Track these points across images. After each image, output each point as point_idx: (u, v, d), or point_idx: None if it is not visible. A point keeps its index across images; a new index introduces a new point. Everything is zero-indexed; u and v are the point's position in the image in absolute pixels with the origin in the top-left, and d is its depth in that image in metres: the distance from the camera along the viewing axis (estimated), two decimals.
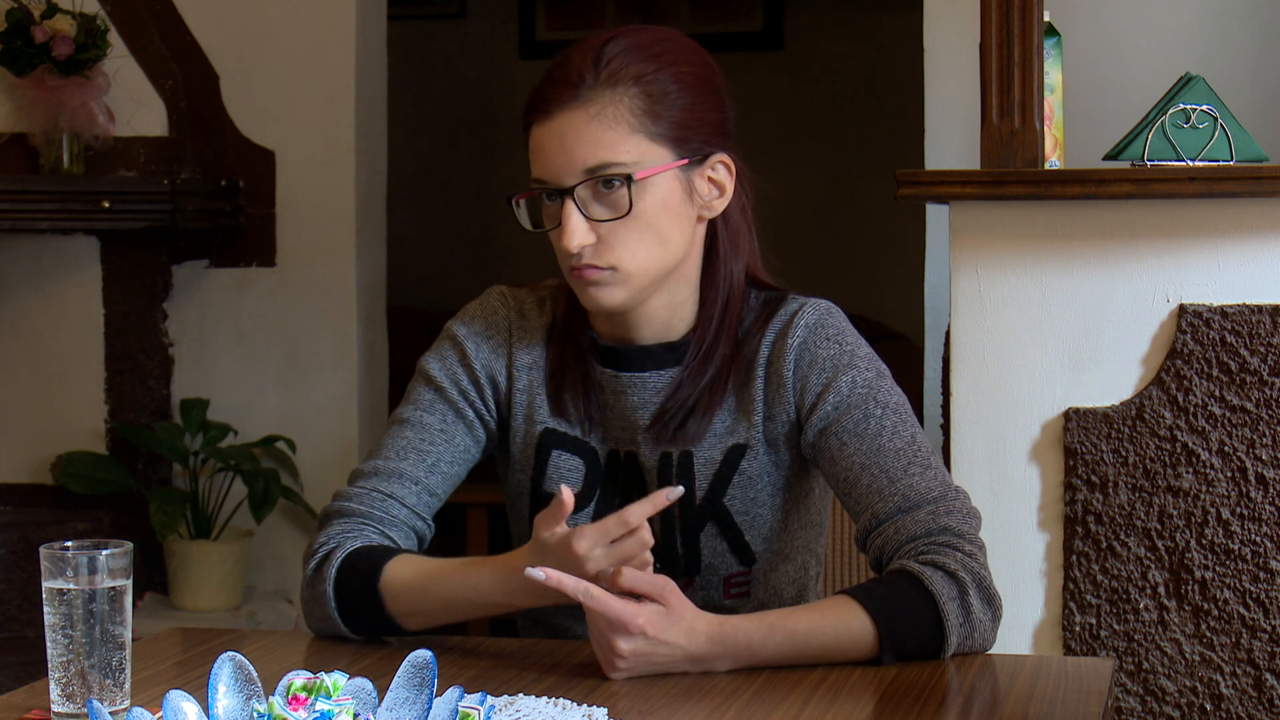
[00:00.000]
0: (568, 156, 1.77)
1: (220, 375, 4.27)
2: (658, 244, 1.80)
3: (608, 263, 1.79)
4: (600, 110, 1.77)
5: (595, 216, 1.78)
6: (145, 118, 4.18)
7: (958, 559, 1.73)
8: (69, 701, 1.52)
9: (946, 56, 3.38)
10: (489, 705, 1.40)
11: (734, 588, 1.90)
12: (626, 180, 1.77)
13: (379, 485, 1.88)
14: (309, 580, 1.84)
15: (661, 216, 1.80)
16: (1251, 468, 2.58)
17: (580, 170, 1.77)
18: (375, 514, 1.87)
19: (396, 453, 1.90)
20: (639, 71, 1.78)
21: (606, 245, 1.79)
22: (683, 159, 1.81)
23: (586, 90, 1.77)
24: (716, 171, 1.85)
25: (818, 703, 1.58)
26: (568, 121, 1.77)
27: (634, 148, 1.77)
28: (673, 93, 1.80)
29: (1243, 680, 2.60)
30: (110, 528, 4.14)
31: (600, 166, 1.77)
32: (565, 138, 1.77)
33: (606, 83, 1.77)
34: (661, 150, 1.79)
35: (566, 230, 1.77)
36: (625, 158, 1.77)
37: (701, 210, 1.85)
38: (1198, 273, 2.60)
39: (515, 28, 6.36)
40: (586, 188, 1.77)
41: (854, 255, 6.00)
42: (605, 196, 1.78)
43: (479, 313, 1.95)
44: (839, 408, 1.83)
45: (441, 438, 1.91)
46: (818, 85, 6.09)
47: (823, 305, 1.89)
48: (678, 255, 1.83)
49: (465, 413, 1.92)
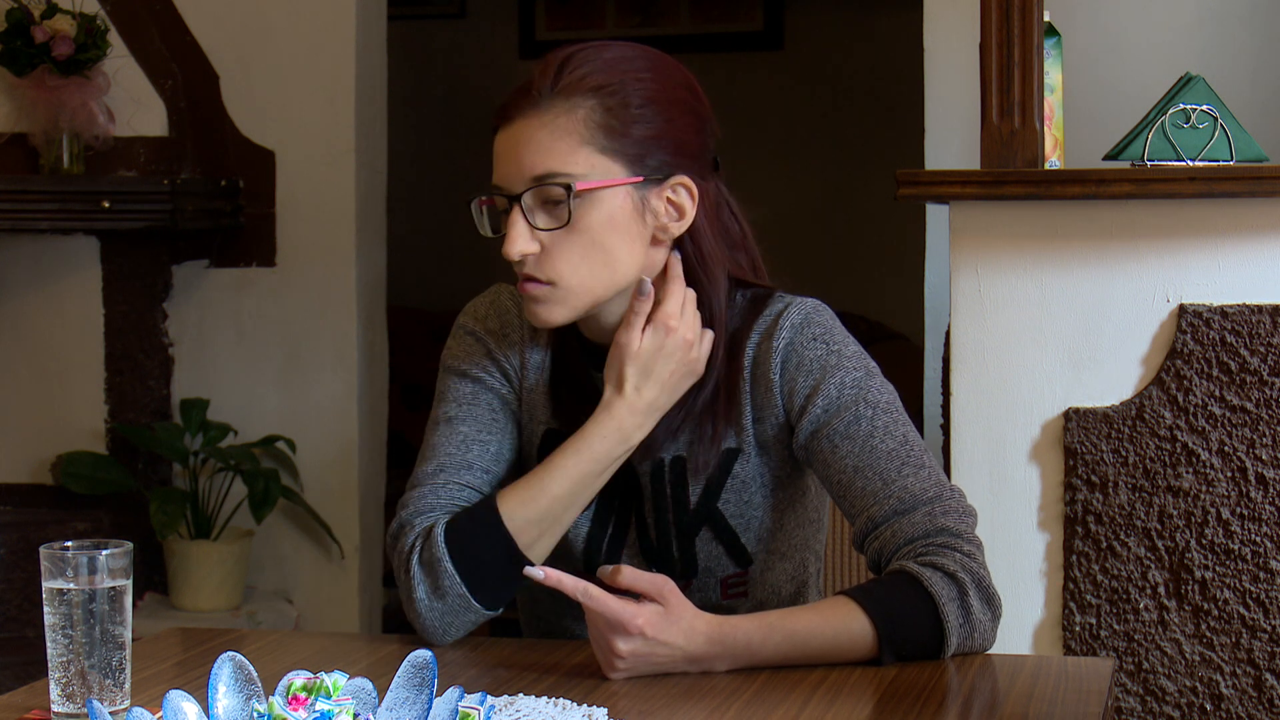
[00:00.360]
0: (518, 164, 1.77)
1: (220, 375, 4.27)
2: (602, 262, 1.79)
3: (548, 276, 1.78)
4: (553, 120, 1.76)
5: (540, 225, 1.77)
6: (145, 118, 4.18)
7: (956, 559, 1.73)
8: (69, 701, 1.52)
9: (946, 56, 3.38)
10: (489, 705, 1.40)
11: (731, 589, 1.90)
12: (566, 191, 1.76)
13: (452, 479, 1.85)
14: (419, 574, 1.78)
15: (607, 234, 1.78)
16: (1251, 468, 2.58)
17: (527, 178, 1.76)
18: (458, 504, 1.83)
19: (458, 448, 1.87)
20: (599, 83, 1.77)
21: (549, 257, 1.77)
22: (636, 176, 1.78)
23: (544, 99, 1.77)
24: (677, 194, 1.81)
25: (818, 703, 1.58)
26: (522, 128, 1.77)
27: (583, 160, 1.76)
28: (633, 108, 1.78)
29: (1243, 680, 2.60)
30: (110, 528, 4.14)
31: (546, 175, 1.76)
32: (518, 145, 1.77)
33: (562, 93, 1.77)
34: (613, 166, 1.77)
35: (509, 236, 1.77)
36: (572, 169, 1.76)
37: (657, 231, 1.82)
38: (1198, 273, 2.60)
39: (515, 28, 6.35)
40: (533, 196, 1.77)
41: (854, 255, 6.00)
42: (550, 207, 1.77)
43: (492, 309, 1.94)
44: (828, 410, 1.82)
45: (495, 426, 1.89)
46: (818, 85, 6.09)
47: (808, 304, 1.87)
48: (626, 276, 1.81)
49: (509, 400, 1.91)
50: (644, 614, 1.63)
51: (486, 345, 1.92)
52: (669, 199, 1.81)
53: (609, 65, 1.79)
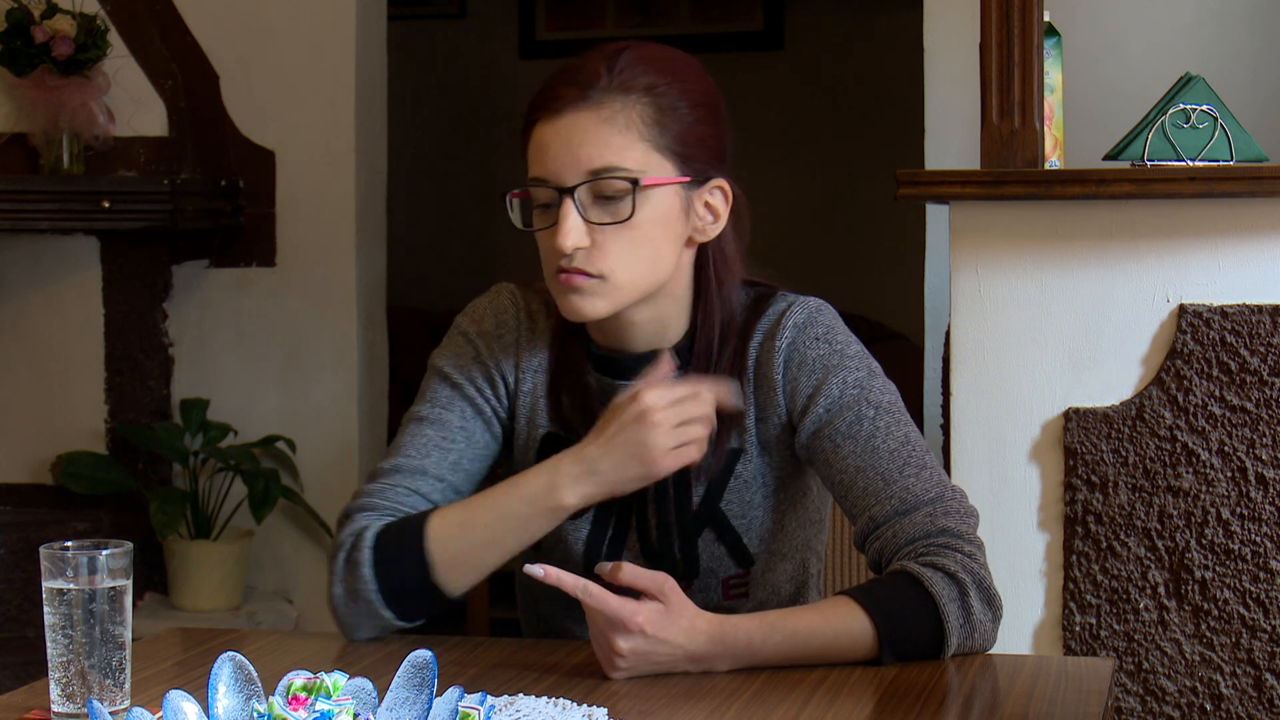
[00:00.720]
0: (573, 156, 1.75)
1: (220, 375, 4.27)
2: (649, 258, 1.79)
3: (598, 270, 1.77)
4: (612, 114, 1.76)
5: (593, 219, 1.76)
6: (145, 118, 4.18)
7: (957, 560, 1.73)
8: (69, 701, 1.52)
9: (946, 56, 3.38)
10: (489, 705, 1.40)
11: (733, 589, 1.90)
12: (632, 186, 1.75)
13: (403, 482, 1.86)
14: (341, 571, 1.81)
15: (657, 231, 1.78)
16: (1251, 468, 2.58)
17: (584, 171, 1.75)
18: (402, 509, 1.85)
19: (418, 450, 1.88)
20: (651, 82, 1.77)
21: (600, 251, 1.77)
22: (685, 176, 1.79)
23: (599, 93, 1.76)
24: (714, 196, 1.83)
25: (818, 703, 1.58)
26: (576, 121, 1.76)
27: (641, 156, 1.76)
28: (681, 109, 1.78)
29: (1243, 680, 2.60)
30: (110, 528, 4.14)
31: (606, 169, 1.75)
32: (573, 137, 1.76)
33: (619, 88, 1.76)
34: (666, 164, 1.78)
35: (563, 229, 1.75)
36: (630, 164, 1.76)
37: (694, 232, 1.83)
38: (1198, 273, 2.60)
39: (515, 28, 6.35)
40: (588, 190, 1.76)
41: (854, 255, 6.00)
42: (605, 201, 1.76)
43: (489, 311, 1.94)
44: (831, 410, 1.82)
45: (462, 435, 1.89)
46: (818, 85, 6.09)
47: (811, 303, 1.87)
48: (665, 273, 1.81)
49: (483, 410, 1.91)
50: (644, 612, 1.63)
51: (476, 348, 1.92)
52: (707, 202, 1.82)
53: (659, 64, 1.79)
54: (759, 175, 1.93)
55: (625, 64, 1.77)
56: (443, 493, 1.87)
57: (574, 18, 6.25)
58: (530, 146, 1.80)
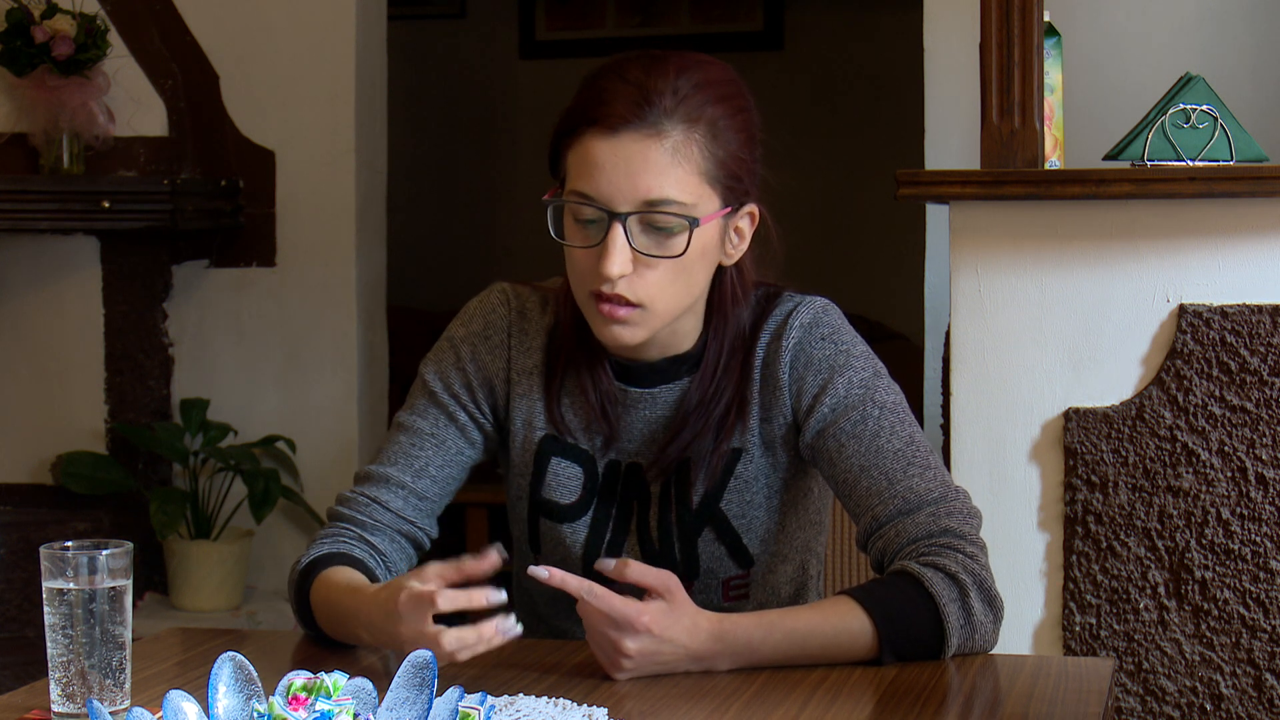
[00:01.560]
0: (631, 182, 1.71)
1: (220, 375, 4.27)
2: (685, 286, 1.77)
3: (638, 298, 1.74)
4: (675, 145, 1.71)
5: (640, 249, 1.73)
6: (145, 118, 4.18)
7: (959, 560, 1.73)
8: (69, 701, 1.52)
9: (946, 56, 3.38)
10: (489, 705, 1.40)
11: (733, 590, 1.90)
12: (690, 224, 1.72)
13: (366, 490, 1.90)
14: (289, 582, 1.88)
15: (697, 261, 1.76)
16: (1251, 468, 2.58)
17: (640, 200, 1.71)
18: (359, 519, 1.89)
19: (389, 458, 1.91)
20: (714, 114, 1.74)
21: (642, 280, 1.74)
22: (727, 207, 1.77)
23: (663, 118, 1.71)
24: (743, 221, 1.82)
25: (818, 703, 1.58)
26: (636, 146, 1.71)
27: (695, 189, 1.73)
28: (733, 140, 1.76)
29: (1243, 680, 2.60)
30: (110, 528, 4.14)
31: (663, 201, 1.71)
32: (631, 161, 1.71)
33: (684, 117, 1.72)
34: (714, 196, 1.75)
35: (610, 255, 1.71)
36: (686, 199, 1.72)
37: (724, 258, 1.82)
38: (1198, 273, 2.59)
39: (515, 28, 6.35)
40: (638, 219, 1.72)
41: (854, 255, 6.00)
42: (654, 231, 1.73)
43: (478, 313, 1.93)
44: (836, 409, 1.82)
45: (431, 442, 1.90)
46: (818, 85, 6.09)
47: (817, 303, 1.87)
48: (696, 297, 1.81)
49: (457, 416, 1.91)
50: (650, 611, 1.63)
51: (459, 353, 1.92)
52: (737, 226, 1.82)
53: (720, 90, 1.76)
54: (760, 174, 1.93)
55: (689, 90, 1.73)
56: (404, 499, 1.89)
57: (574, 18, 6.25)
58: (575, 156, 1.74)
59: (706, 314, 1.87)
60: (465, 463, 1.93)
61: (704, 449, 1.85)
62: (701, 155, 1.72)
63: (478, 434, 1.92)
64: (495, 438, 1.94)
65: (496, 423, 1.93)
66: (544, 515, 1.91)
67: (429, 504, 1.90)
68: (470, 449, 1.92)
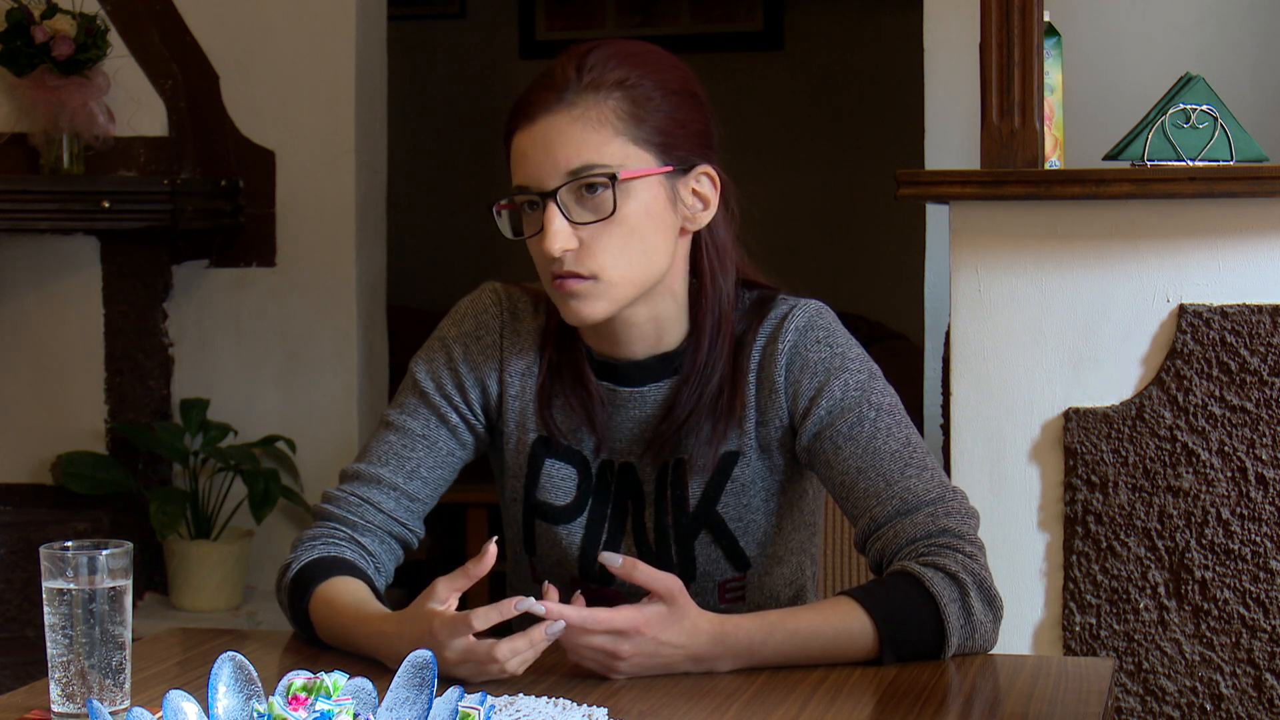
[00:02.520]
0: (551, 159, 1.75)
1: (220, 375, 4.27)
2: (640, 253, 1.78)
3: (589, 270, 1.76)
4: (584, 113, 1.75)
5: (577, 220, 1.75)
6: (145, 118, 4.18)
7: (958, 560, 1.73)
8: (69, 701, 1.52)
9: (946, 56, 3.38)
10: (489, 705, 1.40)
11: (729, 593, 1.90)
12: (611, 180, 1.74)
13: (357, 490, 1.89)
14: (277, 583, 1.87)
15: (645, 223, 1.77)
16: (1251, 468, 2.58)
17: (563, 172, 1.75)
18: (350, 519, 1.88)
19: (378, 457, 1.90)
20: (621, 77, 1.77)
21: (588, 251, 1.76)
22: (667, 166, 1.78)
23: (570, 94, 1.76)
24: (700, 183, 1.82)
25: (818, 703, 1.58)
26: (551, 124, 1.76)
27: (618, 150, 1.75)
28: (656, 99, 1.78)
29: (1243, 680, 2.60)
30: (110, 528, 4.14)
31: (584, 168, 1.74)
32: (549, 140, 1.76)
33: (590, 86, 1.76)
34: (645, 155, 1.77)
35: (549, 233, 1.75)
36: (609, 159, 1.75)
37: (685, 222, 1.82)
38: (1198, 273, 2.60)
39: (515, 28, 6.35)
40: (569, 191, 1.75)
41: (854, 255, 6.00)
42: (588, 200, 1.75)
43: (470, 312, 1.93)
44: (832, 411, 1.83)
45: (423, 443, 1.90)
46: (818, 85, 6.09)
47: (812, 306, 1.87)
48: (661, 267, 1.81)
49: (449, 417, 1.91)
50: (644, 615, 1.63)
51: (450, 353, 1.92)
52: (694, 189, 1.82)
53: (628, 59, 1.79)
54: (759, 176, 1.93)
55: (594, 62, 1.78)
56: (396, 500, 1.89)
57: (574, 18, 6.25)
58: (512, 156, 1.80)
59: (692, 311, 1.86)
60: (456, 464, 1.93)
61: (697, 450, 1.85)
62: (618, 118, 1.76)
63: (469, 435, 1.92)
64: (486, 439, 1.94)
65: (488, 423, 1.93)
66: (539, 517, 1.91)
67: (419, 505, 1.90)
68: (461, 450, 1.92)
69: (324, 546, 1.86)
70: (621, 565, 1.64)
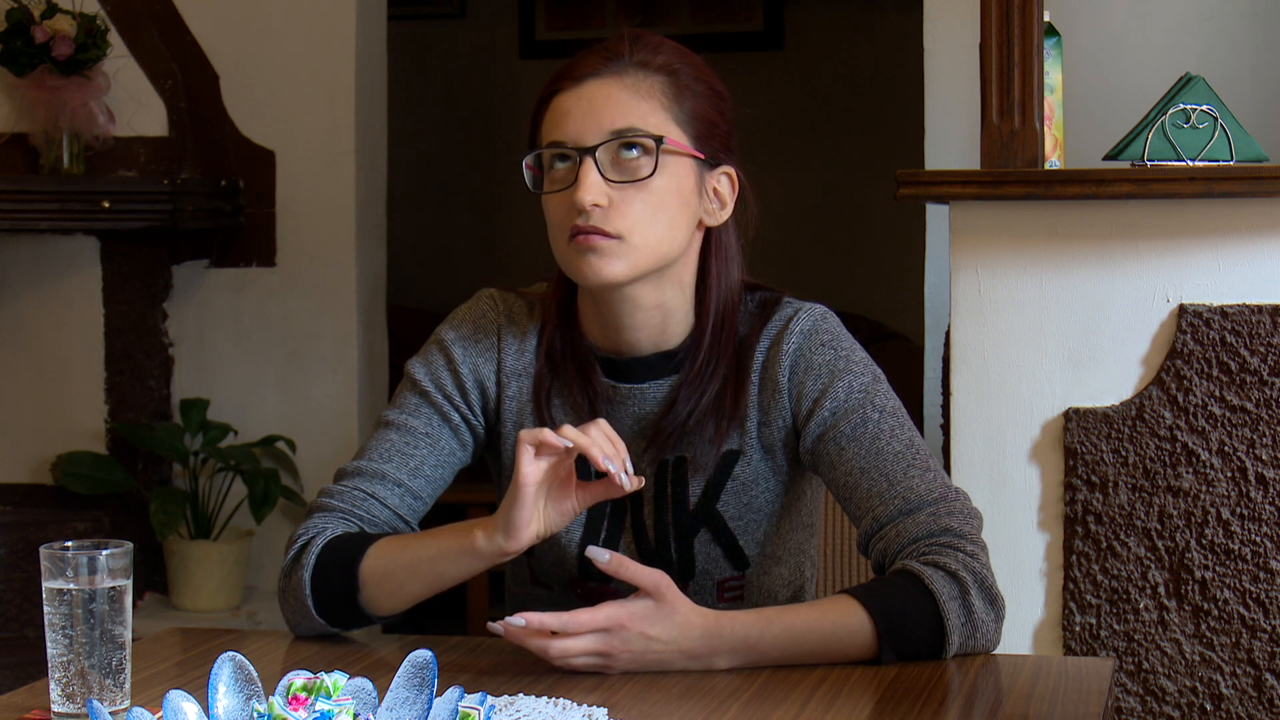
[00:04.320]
0: (595, 117, 1.78)
1: (220, 375, 4.27)
2: (666, 225, 1.80)
3: (615, 229, 1.78)
4: (635, 82, 1.80)
5: (612, 178, 1.78)
6: (145, 118, 4.18)
7: (959, 559, 1.73)
8: (69, 701, 1.52)
9: (946, 56, 3.38)
10: (489, 705, 1.40)
11: (728, 592, 1.90)
12: (657, 143, 1.78)
13: (361, 485, 1.87)
14: (286, 569, 1.83)
15: (673, 199, 1.80)
16: (1251, 468, 2.58)
17: (606, 130, 1.78)
18: (357, 512, 1.86)
19: (381, 455, 1.89)
20: (669, 61, 1.83)
21: (618, 211, 1.78)
22: (700, 153, 1.82)
23: (621, 65, 1.81)
24: (721, 183, 1.86)
25: (818, 703, 1.58)
26: (600, 86, 1.80)
27: (661, 123, 1.80)
28: (698, 90, 1.83)
29: (1243, 680, 2.60)
30: (110, 528, 4.15)
31: (628, 129, 1.78)
32: (595, 100, 1.79)
33: (640, 64, 1.81)
34: (684, 136, 1.81)
35: (584, 184, 1.76)
36: (653, 128, 1.79)
37: (704, 214, 1.85)
38: (1198, 273, 2.60)
39: (515, 28, 6.36)
40: (608, 150, 1.78)
41: (854, 255, 6.00)
42: (624, 162, 1.78)
43: (467, 316, 1.94)
44: (836, 413, 1.83)
45: (426, 441, 1.90)
46: (818, 85, 6.09)
47: (817, 310, 1.89)
48: (679, 247, 1.83)
49: (451, 416, 1.91)
50: (627, 610, 1.63)
51: (449, 354, 1.92)
52: (715, 187, 1.86)
53: (675, 50, 1.85)
54: (758, 176, 1.94)
55: (646, 44, 1.83)
56: (400, 497, 1.88)
57: (574, 18, 6.26)
58: (548, 115, 1.82)
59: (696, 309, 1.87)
60: (455, 465, 1.93)
61: (698, 448, 1.86)
62: (664, 95, 1.81)
63: (469, 435, 1.92)
64: (484, 441, 1.94)
65: (487, 424, 1.93)
66: None
67: (420, 505, 1.90)
68: (461, 451, 1.92)
69: (341, 525, 1.84)
70: (609, 561, 1.65)
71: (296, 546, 1.83)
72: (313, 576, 1.80)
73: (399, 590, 1.77)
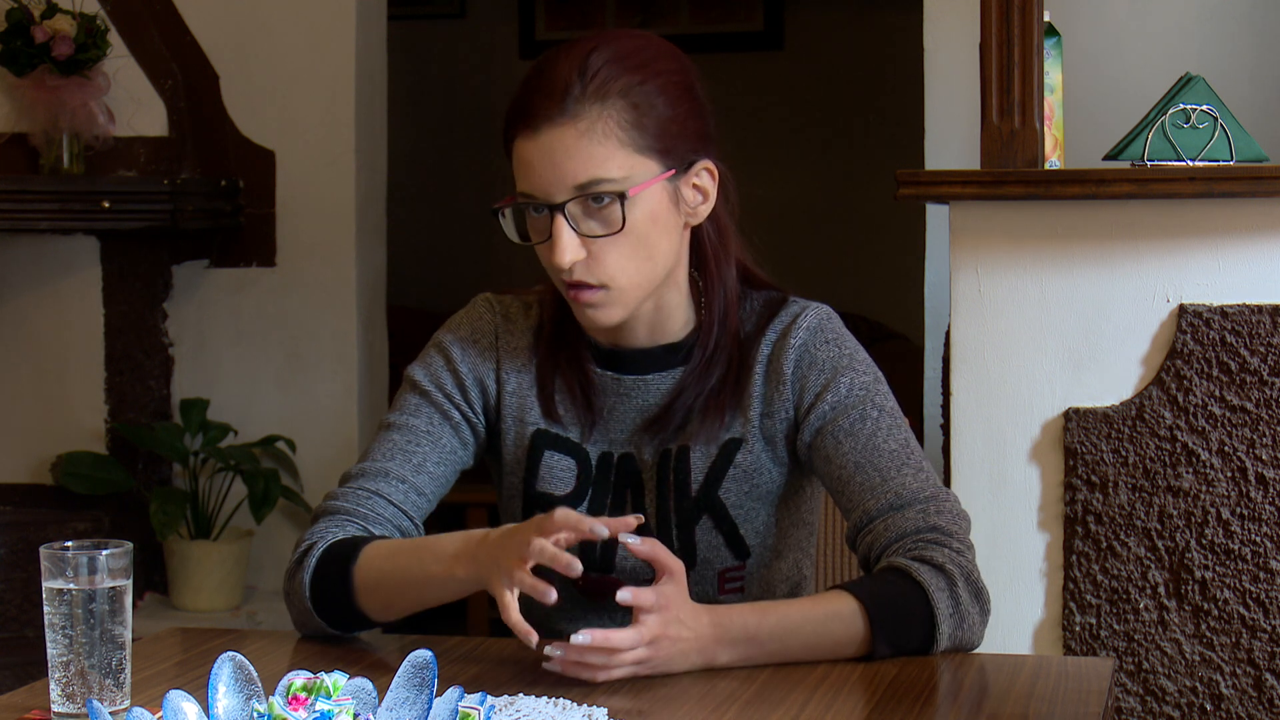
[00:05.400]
0: (557, 173, 1.75)
1: (220, 375, 4.27)
2: (647, 259, 1.80)
3: (599, 279, 1.78)
4: (589, 126, 1.75)
5: (586, 232, 1.77)
6: (145, 118, 4.18)
7: (945, 554, 1.75)
8: (69, 701, 1.52)
9: (946, 56, 3.38)
10: (489, 705, 1.40)
11: (729, 582, 1.91)
12: (619, 197, 1.75)
13: (364, 484, 1.89)
14: (290, 572, 1.85)
15: (651, 230, 1.79)
16: (1251, 468, 2.58)
17: (570, 187, 1.76)
18: (360, 511, 1.87)
19: (383, 454, 1.90)
20: (625, 84, 1.76)
21: (598, 261, 1.78)
22: (669, 170, 1.80)
23: (573, 104, 1.75)
24: (700, 178, 1.84)
25: (818, 703, 1.58)
26: (556, 138, 1.75)
27: (623, 162, 1.76)
28: (658, 104, 1.78)
29: (1243, 680, 2.60)
30: (110, 528, 4.14)
31: (591, 183, 1.75)
32: (554, 154, 1.75)
33: (594, 96, 1.75)
34: (649, 163, 1.78)
35: (558, 246, 1.76)
36: (615, 174, 1.75)
37: (688, 218, 1.85)
38: (1198, 273, 2.60)
39: (515, 28, 6.36)
40: (577, 204, 1.76)
41: (854, 255, 6.00)
42: (596, 212, 1.76)
43: (464, 320, 1.96)
44: (836, 408, 1.85)
45: (427, 439, 1.91)
46: (818, 85, 6.09)
47: (824, 310, 1.91)
48: (666, 266, 1.83)
49: (451, 415, 1.92)
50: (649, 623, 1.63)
51: (448, 355, 1.93)
52: (695, 184, 1.84)
53: (631, 60, 1.78)
54: (758, 175, 1.94)
55: (597, 67, 1.76)
56: (405, 494, 1.89)
57: (574, 18, 6.26)
58: (515, 162, 1.81)
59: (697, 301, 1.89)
60: (458, 464, 1.94)
61: (700, 435, 1.87)
62: (621, 129, 1.75)
63: (470, 435, 1.93)
64: (485, 441, 1.96)
65: (487, 423, 1.95)
66: (540, 509, 1.91)
67: (425, 502, 1.91)
68: (463, 450, 1.94)
69: (344, 529, 1.85)
70: (642, 545, 1.65)
71: (300, 550, 1.85)
72: (312, 580, 1.81)
73: (389, 606, 1.79)
